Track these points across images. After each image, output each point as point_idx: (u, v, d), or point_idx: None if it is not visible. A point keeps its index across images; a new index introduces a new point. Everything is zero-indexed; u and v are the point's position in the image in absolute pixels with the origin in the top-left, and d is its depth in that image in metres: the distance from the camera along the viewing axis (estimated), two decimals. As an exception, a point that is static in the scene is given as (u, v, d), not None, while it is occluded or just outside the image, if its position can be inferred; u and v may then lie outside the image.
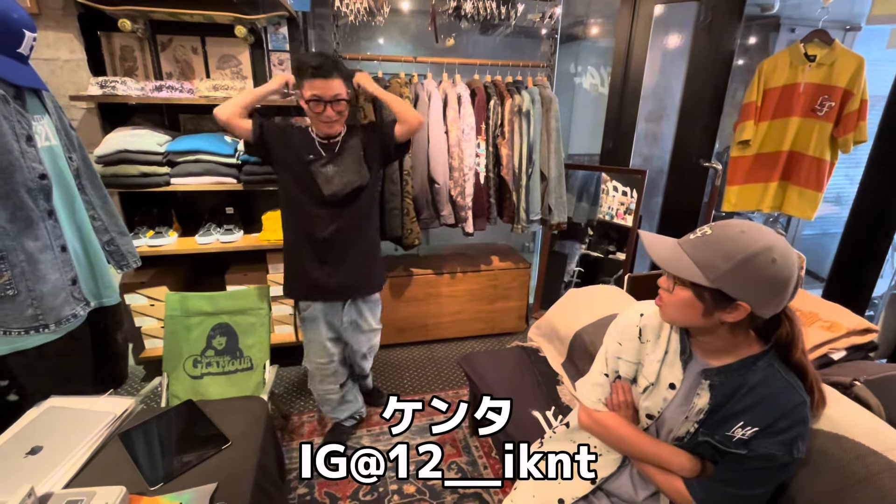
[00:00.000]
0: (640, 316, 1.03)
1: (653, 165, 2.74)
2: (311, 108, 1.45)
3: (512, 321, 2.82)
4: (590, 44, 3.55)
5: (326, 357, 1.76)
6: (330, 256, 1.62)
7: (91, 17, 1.94)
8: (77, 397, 1.15)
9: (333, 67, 1.41)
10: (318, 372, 1.80)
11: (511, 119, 2.36)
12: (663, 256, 0.87)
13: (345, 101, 1.46)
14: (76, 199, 1.26)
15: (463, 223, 2.39)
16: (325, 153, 1.56)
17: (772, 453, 0.83)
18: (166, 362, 1.77)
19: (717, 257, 0.80)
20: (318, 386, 1.84)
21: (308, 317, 1.71)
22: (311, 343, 1.76)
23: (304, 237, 1.61)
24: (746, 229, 0.80)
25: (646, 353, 1.00)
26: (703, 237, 0.83)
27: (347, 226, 1.61)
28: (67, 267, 1.21)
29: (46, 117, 1.20)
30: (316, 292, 1.67)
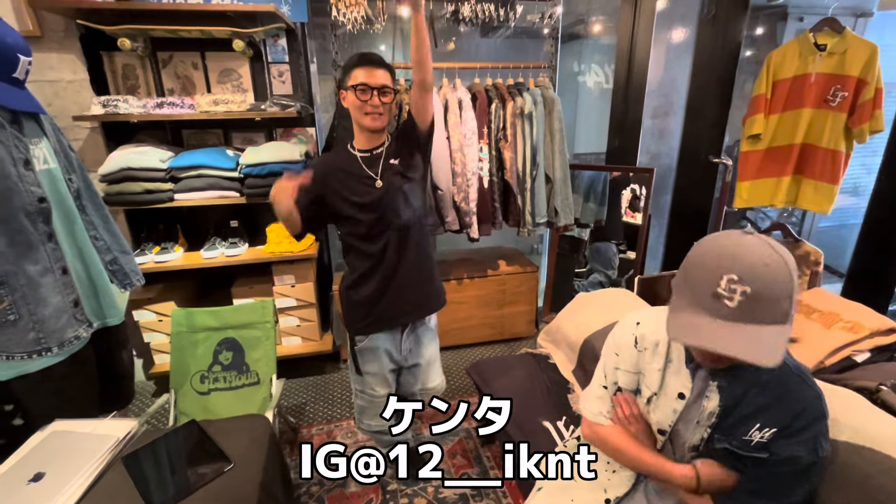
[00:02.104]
0: (636, 325, 0.99)
1: (661, 163, 2.69)
2: (357, 97, 1.33)
3: (521, 326, 2.78)
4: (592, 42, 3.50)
5: (387, 389, 1.60)
6: (391, 280, 1.46)
7: (92, 38, 1.97)
8: (81, 420, 1.14)
9: (381, 60, 1.37)
10: (377, 404, 1.60)
11: (513, 122, 2.32)
12: (760, 353, 0.70)
13: (391, 94, 1.36)
14: (76, 220, 1.26)
15: (468, 229, 2.36)
16: (369, 169, 1.41)
17: (796, 455, 0.79)
18: (173, 379, 1.77)
19: (782, 302, 0.71)
20: (376, 420, 1.63)
21: (368, 347, 1.53)
22: (371, 376, 1.57)
23: (371, 267, 1.45)
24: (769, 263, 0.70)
25: (645, 362, 0.97)
26: (749, 297, 0.70)
27: (405, 243, 1.46)
28: (69, 289, 1.20)
29: (45, 140, 1.20)
30: (378, 324, 1.50)
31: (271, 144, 2.16)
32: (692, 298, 0.75)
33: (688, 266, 0.78)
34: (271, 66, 2.27)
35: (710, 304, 0.73)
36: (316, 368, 2.51)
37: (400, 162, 1.43)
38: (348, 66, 1.38)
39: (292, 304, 2.33)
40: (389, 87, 1.36)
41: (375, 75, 1.34)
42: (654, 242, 2.83)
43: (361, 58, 1.35)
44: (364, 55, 1.36)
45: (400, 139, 1.46)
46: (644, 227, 2.61)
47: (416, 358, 1.62)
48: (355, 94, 1.34)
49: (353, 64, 1.36)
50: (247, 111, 2.02)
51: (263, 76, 2.28)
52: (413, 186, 1.45)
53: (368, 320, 1.50)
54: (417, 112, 1.40)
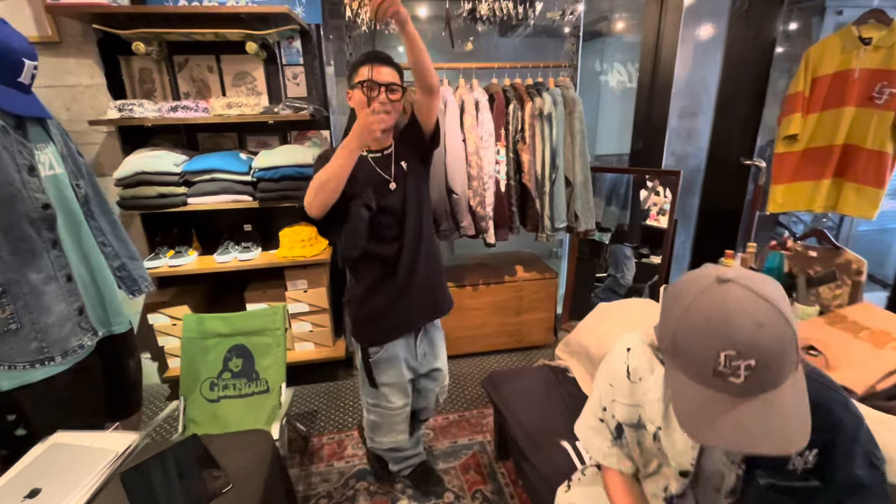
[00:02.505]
0: (626, 352, 0.89)
1: (687, 165, 2.56)
2: (364, 94, 1.27)
3: (539, 334, 2.68)
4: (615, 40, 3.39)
5: (405, 399, 1.55)
6: (407, 284, 1.42)
7: (110, 43, 1.97)
8: (82, 432, 1.12)
9: (389, 58, 1.33)
10: (393, 418, 1.54)
11: (532, 123, 2.24)
12: (792, 431, 0.64)
13: (400, 92, 1.32)
14: (82, 226, 1.24)
15: (484, 234, 2.29)
16: (382, 171, 1.37)
17: (854, 475, 0.70)
18: (183, 386, 1.75)
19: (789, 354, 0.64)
20: (390, 437, 1.57)
21: (385, 357, 1.47)
22: (388, 386, 1.51)
23: (385, 272, 1.41)
24: (763, 320, 0.63)
25: (642, 393, 0.86)
26: (756, 370, 0.63)
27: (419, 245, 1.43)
28: (73, 297, 1.18)
29: (51, 146, 1.18)
30: (398, 330, 1.46)
31: (284, 148, 2.13)
32: (692, 372, 0.68)
33: (676, 333, 0.69)
34: (286, 68, 2.25)
35: (715, 381, 0.65)
36: (328, 374, 2.47)
37: (408, 165, 1.40)
38: (356, 64, 1.34)
39: (305, 309, 2.30)
40: (398, 84, 1.32)
41: (382, 72, 1.30)
42: (681, 248, 2.70)
43: (369, 55, 1.31)
44: (371, 53, 1.32)
45: (403, 141, 1.42)
46: (670, 232, 2.49)
47: (433, 361, 1.60)
48: (362, 90, 1.29)
49: (360, 62, 1.32)
50: (259, 114, 1.99)
51: (278, 79, 2.26)
52: (423, 188, 1.44)
53: (384, 328, 1.46)
54: (421, 114, 1.38)
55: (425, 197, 1.45)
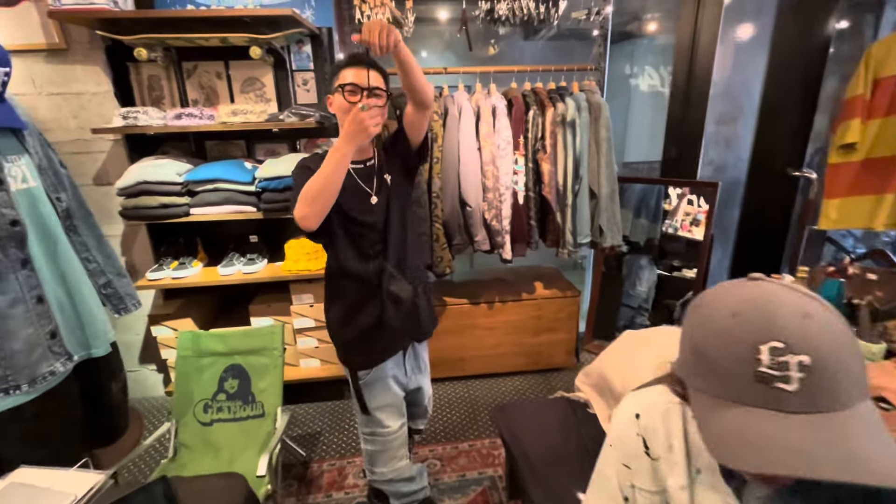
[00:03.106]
0: (635, 419, 0.70)
1: (726, 175, 2.34)
2: (346, 99, 1.18)
3: (559, 356, 2.50)
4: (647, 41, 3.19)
5: (400, 419, 1.45)
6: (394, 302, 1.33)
7: (120, 50, 1.93)
8: (46, 470, 1.02)
9: (372, 61, 1.23)
10: (392, 443, 1.44)
11: (553, 130, 2.08)
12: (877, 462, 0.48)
13: (384, 98, 1.22)
14: (59, 243, 1.16)
15: (500, 249, 2.13)
16: (363, 183, 1.28)
17: None
18: (176, 407, 1.66)
19: (853, 364, 0.50)
20: (390, 465, 1.45)
21: (375, 378, 1.38)
22: (382, 410, 1.41)
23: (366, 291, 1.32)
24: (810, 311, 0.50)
25: (664, 475, 0.68)
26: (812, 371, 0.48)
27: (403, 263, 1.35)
28: (45, 320, 1.10)
29: (25, 157, 1.11)
30: (386, 351, 1.37)
31: (290, 157, 2.04)
32: (724, 386, 0.53)
33: (697, 343, 0.56)
34: (295, 73, 2.16)
35: (757, 391, 0.50)
36: (334, 392, 2.36)
37: (391, 178, 1.31)
38: (336, 67, 1.24)
39: (310, 324, 2.19)
40: (382, 89, 1.22)
41: (366, 76, 1.19)
42: (717, 266, 2.47)
43: (351, 58, 1.22)
44: (354, 55, 1.23)
45: (387, 153, 1.33)
46: (706, 247, 2.27)
47: (419, 376, 1.53)
48: (343, 95, 1.19)
49: (341, 64, 1.22)
50: (265, 122, 1.90)
51: (287, 84, 2.17)
52: (407, 203, 1.37)
53: (372, 350, 1.35)
54: (411, 127, 1.28)
55: (408, 213, 1.38)
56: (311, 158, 1.28)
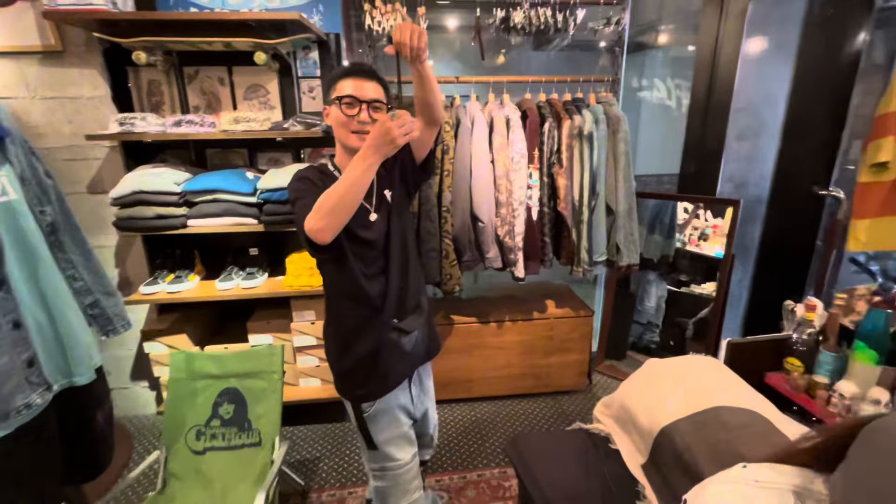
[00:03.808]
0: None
1: (747, 192, 2.25)
2: (343, 111, 1.12)
3: (571, 378, 2.39)
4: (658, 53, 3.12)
5: (411, 449, 1.34)
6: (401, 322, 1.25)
7: (118, 53, 1.85)
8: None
9: (372, 72, 1.16)
10: (404, 476, 1.31)
11: (570, 143, 1.99)
12: None
13: (384, 110, 1.15)
14: (41, 260, 1.06)
15: (512, 266, 2.03)
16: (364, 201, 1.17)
17: None
18: (167, 433, 1.55)
19: None
20: (406, 500, 1.32)
21: (380, 410, 1.27)
22: (391, 443, 1.29)
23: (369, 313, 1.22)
24: None
25: None
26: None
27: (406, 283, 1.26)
28: (21, 346, 0.99)
29: (6, 168, 1.01)
30: (392, 379, 1.26)
31: (294, 167, 1.95)
32: None
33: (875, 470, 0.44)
34: (301, 80, 2.08)
35: None
36: (335, 414, 2.25)
37: (392, 194, 1.24)
38: (333, 76, 1.16)
39: (311, 342, 2.09)
40: (382, 101, 1.15)
41: (365, 88, 1.12)
42: (737, 286, 2.37)
43: (349, 68, 1.15)
44: (353, 65, 1.16)
45: (388, 168, 1.24)
46: (727, 266, 2.17)
47: (425, 402, 1.43)
48: (340, 108, 1.11)
49: (339, 74, 1.15)
50: (268, 130, 1.81)
51: (293, 91, 2.09)
52: (407, 220, 1.30)
53: (376, 380, 1.24)
54: (418, 143, 1.21)
55: (409, 230, 1.30)
56: (308, 170, 1.19)
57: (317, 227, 1.02)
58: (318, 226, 1.02)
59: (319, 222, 1.02)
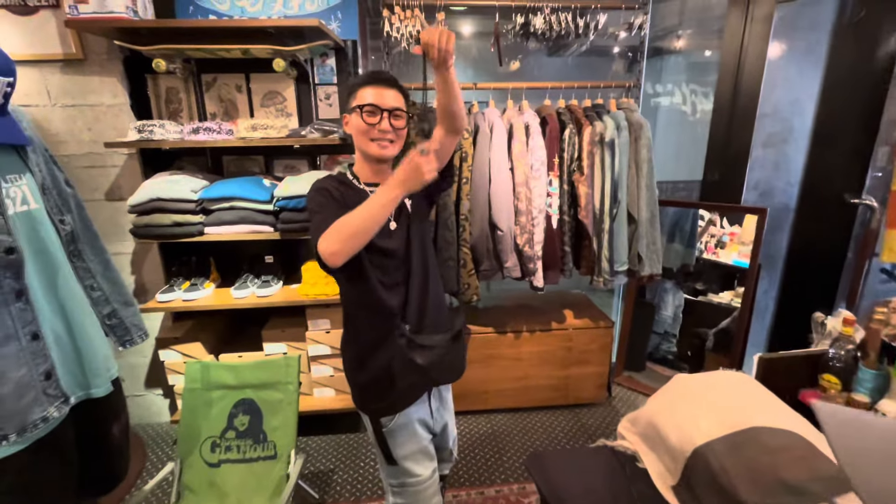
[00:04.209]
0: None
1: (774, 200, 2.18)
2: (364, 120, 1.10)
3: (590, 390, 2.33)
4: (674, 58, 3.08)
5: (431, 464, 1.30)
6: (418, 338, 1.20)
7: (138, 61, 1.85)
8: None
9: (394, 79, 1.15)
10: (425, 493, 1.28)
11: (591, 150, 1.95)
12: None
13: (405, 119, 1.14)
14: (60, 269, 1.04)
15: (531, 276, 1.99)
16: None
17: None
18: (181, 445, 1.53)
19: None
20: None
21: (399, 424, 1.23)
22: (410, 458, 1.25)
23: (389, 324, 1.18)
24: None
25: None
26: None
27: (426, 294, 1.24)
28: (39, 358, 0.98)
29: (27, 177, 1.00)
30: (412, 393, 1.24)
31: (311, 174, 1.94)
32: None
33: None
34: (318, 87, 2.07)
35: None
36: (350, 425, 2.21)
37: (412, 203, 1.21)
38: (354, 85, 1.14)
39: (326, 351, 2.06)
40: (403, 110, 1.13)
41: (385, 96, 1.10)
42: (763, 297, 2.29)
43: (370, 76, 1.13)
44: (373, 73, 1.15)
45: None
46: (753, 277, 2.10)
47: (444, 415, 1.38)
48: (361, 116, 1.10)
49: (359, 82, 1.13)
50: (285, 137, 1.80)
51: (310, 98, 2.08)
52: (427, 229, 1.28)
53: (395, 394, 1.20)
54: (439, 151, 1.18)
55: (428, 239, 1.27)
56: (327, 180, 1.16)
57: (330, 250, 1.00)
58: (332, 249, 1.00)
59: (333, 246, 0.99)
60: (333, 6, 1.98)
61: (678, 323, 2.66)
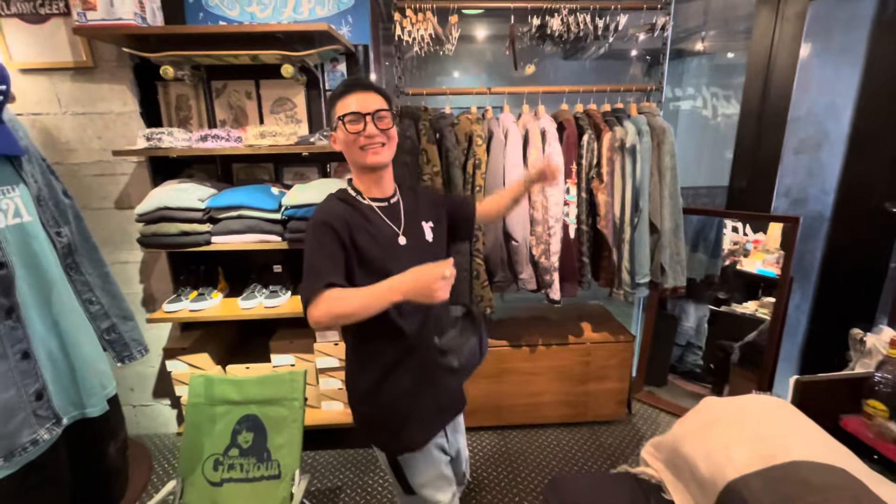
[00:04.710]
0: None
1: (807, 209, 2.06)
2: (348, 131, 1.04)
3: (609, 407, 2.22)
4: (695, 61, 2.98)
5: (451, 488, 1.25)
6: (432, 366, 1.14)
7: (148, 68, 1.83)
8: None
9: (369, 83, 1.09)
10: None
11: (611, 157, 1.86)
12: None
13: (389, 117, 1.07)
14: (55, 284, 1.00)
15: (547, 288, 1.90)
16: (393, 225, 1.12)
17: None
18: (183, 462, 1.48)
19: None
20: None
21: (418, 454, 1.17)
22: (429, 485, 1.19)
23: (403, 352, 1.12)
24: None
25: None
26: None
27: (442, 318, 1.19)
28: (29, 378, 0.93)
29: (21, 188, 0.96)
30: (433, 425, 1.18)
31: (320, 182, 1.89)
32: None
33: None
34: (328, 93, 2.02)
35: None
36: (359, 440, 2.14)
37: (433, 227, 1.19)
38: (332, 98, 1.09)
39: (335, 364, 2.00)
40: (386, 109, 1.06)
41: (367, 99, 1.04)
42: (794, 311, 2.16)
43: (344, 85, 1.08)
44: (347, 81, 1.10)
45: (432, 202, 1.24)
46: (784, 289, 1.98)
47: (458, 438, 1.33)
48: (344, 127, 1.04)
49: (336, 94, 1.08)
50: (294, 145, 1.76)
51: (320, 105, 2.03)
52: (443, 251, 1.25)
53: (415, 427, 1.13)
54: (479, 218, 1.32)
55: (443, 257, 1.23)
56: (332, 207, 1.09)
57: (317, 320, 0.97)
58: (320, 321, 0.96)
59: (322, 319, 0.96)
60: (344, 10, 1.94)
61: (703, 335, 2.55)
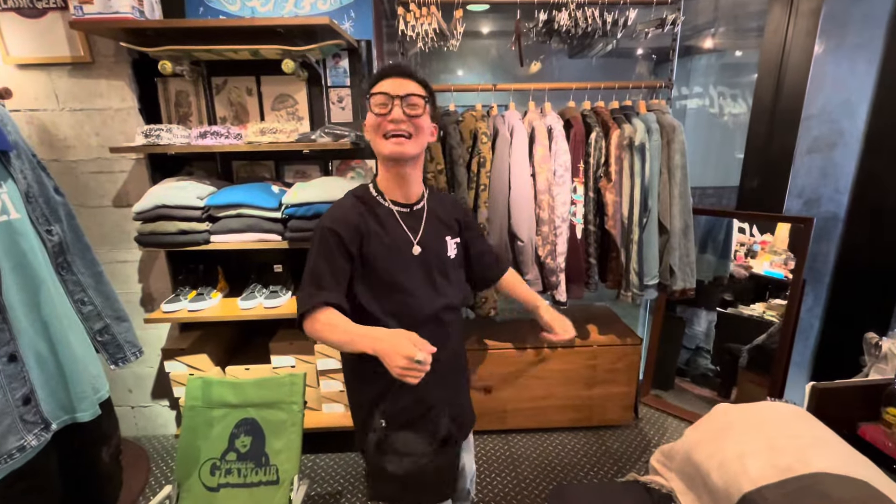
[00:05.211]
0: None
1: (820, 210, 2.01)
2: (374, 113, 0.98)
3: (615, 411, 2.17)
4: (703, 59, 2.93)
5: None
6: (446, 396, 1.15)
7: (147, 64, 1.80)
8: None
9: (410, 71, 1.02)
10: None
11: (619, 155, 1.81)
12: None
13: (423, 107, 0.99)
14: (44, 284, 0.96)
15: (553, 290, 1.86)
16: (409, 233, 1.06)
17: None
18: (179, 467, 1.45)
19: None
20: None
21: None
22: None
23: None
24: None
25: None
26: None
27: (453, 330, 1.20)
28: (16, 382, 0.89)
29: (9, 184, 0.92)
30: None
31: (321, 181, 1.85)
32: None
33: None
34: (330, 90, 1.98)
35: None
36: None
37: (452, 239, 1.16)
38: (371, 82, 1.02)
39: (335, 365, 1.96)
40: (420, 95, 0.98)
41: (402, 84, 0.97)
42: (807, 314, 2.11)
43: (384, 69, 1.01)
44: (389, 65, 1.02)
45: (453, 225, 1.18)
46: (797, 292, 1.93)
47: (463, 456, 1.29)
48: (370, 109, 0.98)
49: (374, 78, 1.01)
50: (294, 142, 1.72)
51: (322, 101, 1.99)
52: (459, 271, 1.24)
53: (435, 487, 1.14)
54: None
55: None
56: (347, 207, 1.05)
57: (309, 333, 0.99)
58: (311, 335, 0.99)
59: (312, 335, 0.99)
60: (346, 5, 1.90)
61: (711, 338, 2.50)
